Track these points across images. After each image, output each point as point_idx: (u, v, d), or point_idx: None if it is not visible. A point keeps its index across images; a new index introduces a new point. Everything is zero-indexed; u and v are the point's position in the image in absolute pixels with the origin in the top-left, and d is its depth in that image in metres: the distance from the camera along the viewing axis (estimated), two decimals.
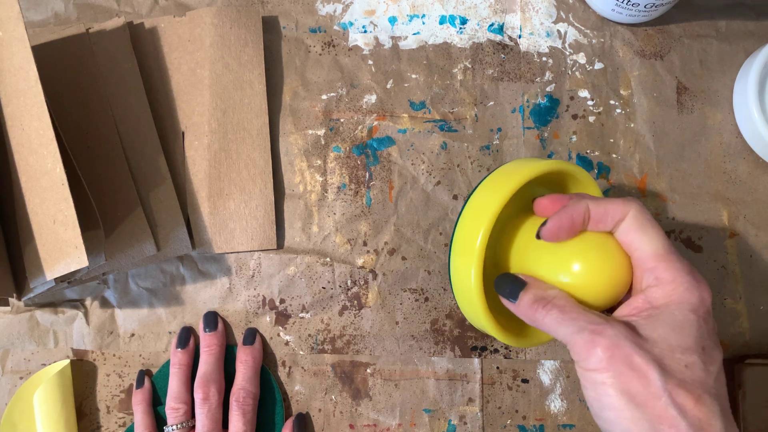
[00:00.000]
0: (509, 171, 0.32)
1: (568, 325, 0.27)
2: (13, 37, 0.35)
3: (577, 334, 0.26)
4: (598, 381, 0.25)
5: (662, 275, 0.27)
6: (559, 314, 0.27)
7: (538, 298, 0.29)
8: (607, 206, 0.29)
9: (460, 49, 0.44)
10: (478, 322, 0.33)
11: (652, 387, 0.24)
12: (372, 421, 0.41)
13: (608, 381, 0.25)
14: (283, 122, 0.43)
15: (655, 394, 0.24)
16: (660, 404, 0.24)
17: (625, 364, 0.25)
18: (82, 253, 0.33)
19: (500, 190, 0.31)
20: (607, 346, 0.25)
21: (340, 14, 0.44)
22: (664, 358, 0.25)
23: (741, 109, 0.42)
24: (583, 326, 0.26)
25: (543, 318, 0.28)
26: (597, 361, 0.25)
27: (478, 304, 0.31)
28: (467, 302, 0.32)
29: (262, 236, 0.41)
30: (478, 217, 0.31)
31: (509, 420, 0.41)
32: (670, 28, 0.44)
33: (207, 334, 0.40)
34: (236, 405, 0.38)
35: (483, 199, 0.32)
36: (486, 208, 0.31)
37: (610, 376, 0.25)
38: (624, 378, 0.25)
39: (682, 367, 0.25)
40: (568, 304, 0.28)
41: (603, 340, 0.25)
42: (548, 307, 0.28)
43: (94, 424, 0.41)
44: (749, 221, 0.42)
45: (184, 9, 0.44)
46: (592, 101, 0.43)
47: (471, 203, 0.32)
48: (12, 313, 0.42)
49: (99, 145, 0.40)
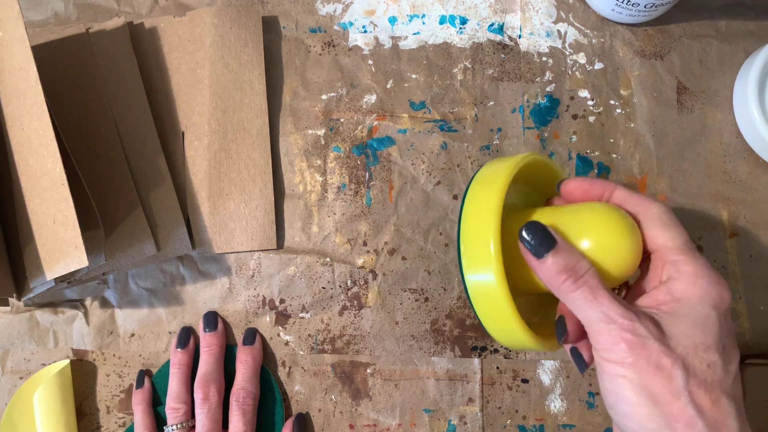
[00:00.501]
0: (495, 170, 0.31)
1: (596, 311, 0.26)
2: (13, 37, 0.35)
3: (604, 324, 0.25)
4: (617, 374, 0.25)
5: (684, 268, 0.27)
6: (590, 295, 0.26)
7: (568, 267, 0.27)
8: (631, 195, 0.29)
9: (460, 49, 0.44)
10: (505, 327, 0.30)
11: (674, 386, 0.24)
12: (372, 421, 0.41)
13: (628, 376, 0.25)
14: (283, 122, 0.43)
15: (675, 393, 0.24)
16: (679, 403, 0.24)
17: (649, 362, 0.24)
18: (82, 253, 0.33)
19: (494, 186, 0.30)
20: (634, 344, 0.25)
21: (340, 14, 0.44)
22: (687, 357, 0.25)
23: (741, 109, 0.42)
24: (613, 318, 0.25)
25: (569, 293, 0.26)
26: (620, 356, 0.25)
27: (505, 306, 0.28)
28: (493, 310, 0.30)
29: (262, 236, 0.41)
30: (484, 220, 0.29)
31: (509, 420, 0.41)
32: (670, 28, 0.44)
33: (207, 334, 0.40)
34: (236, 405, 0.38)
35: (480, 200, 0.30)
36: (488, 209, 0.29)
37: (631, 371, 0.25)
38: (646, 375, 0.24)
39: (705, 367, 0.25)
40: (599, 286, 0.26)
41: (631, 337, 0.25)
42: (579, 283, 0.26)
43: (94, 424, 0.41)
44: (749, 221, 0.42)
45: (184, 9, 0.44)
46: (592, 101, 0.43)
47: (469, 209, 0.31)
48: (12, 313, 0.42)
49: (99, 145, 0.40)
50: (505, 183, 0.30)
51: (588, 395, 0.41)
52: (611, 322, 0.25)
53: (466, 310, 0.41)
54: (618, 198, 0.30)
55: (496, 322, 0.30)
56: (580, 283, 0.26)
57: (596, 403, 0.41)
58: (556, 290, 0.27)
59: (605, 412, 0.40)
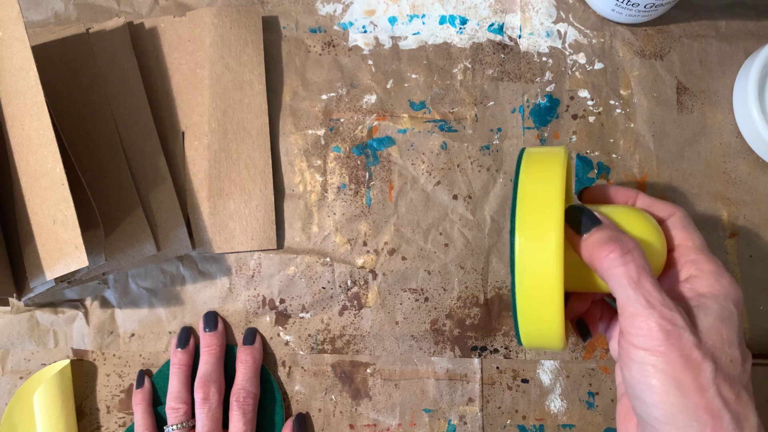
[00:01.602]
0: (545, 155, 0.30)
1: (638, 293, 0.25)
2: (13, 37, 0.35)
3: (643, 308, 0.25)
4: (646, 362, 0.25)
5: (705, 266, 0.28)
6: (635, 275, 0.25)
7: (615, 238, 0.26)
8: (654, 201, 0.31)
9: (460, 49, 0.44)
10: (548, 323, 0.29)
11: (702, 378, 0.25)
12: (372, 421, 0.41)
13: (659, 365, 0.25)
14: (283, 122, 0.43)
15: (703, 385, 0.24)
16: (708, 395, 0.24)
17: (681, 354, 0.25)
18: (82, 253, 0.33)
19: (554, 172, 0.29)
20: (671, 334, 0.25)
21: (340, 14, 0.44)
22: (715, 351, 0.25)
23: (741, 109, 0.42)
24: (654, 304, 0.25)
25: (614, 267, 0.26)
26: (653, 344, 0.25)
27: (556, 302, 0.27)
28: (541, 302, 0.28)
29: (262, 236, 0.41)
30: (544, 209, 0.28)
31: (509, 420, 0.41)
32: (670, 28, 0.44)
33: (207, 334, 0.40)
34: (236, 405, 0.38)
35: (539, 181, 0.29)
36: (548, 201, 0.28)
37: (662, 361, 0.25)
38: (677, 366, 0.25)
39: (728, 362, 0.25)
40: (646, 268, 0.26)
41: (669, 326, 0.25)
42: (627, 258, 0.26)
43: (94, 424, 0.41)
44: (749, 221, 0.42)
45: (184, 9, 0.44)
46: (592, 101, 0.43)
47: (527, 190, 0.29)
48: (12, 313, 0.42)
49: (99, 145, 0.40)
50: (562, 181, 0.29)
51: (588, 395, 0.41)
52: (651, 308, 0.25)
53: (466, 310, 0.41)
54: (642, 203, 0.31)
55: (534, 314, 0.29)
56: (627, 258, 0.26)
57: (596, 403, 0.41)
58: (601, 263, 0.26)
59: (605, 412, 0.41)
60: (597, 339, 0.41)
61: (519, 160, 0.31)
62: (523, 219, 0.28)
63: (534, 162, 0.30)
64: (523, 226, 0.28)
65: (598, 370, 0.41)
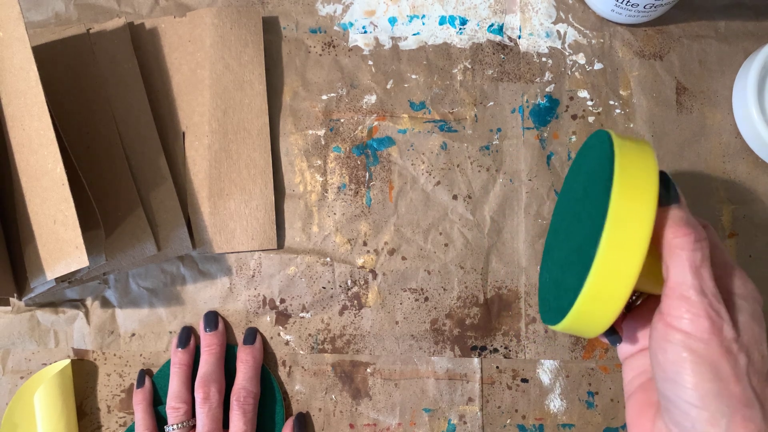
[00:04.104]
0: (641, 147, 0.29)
1: (696, 278, 0.26)
2: (13, 37, 0.35)
3: (696, 294, 0.26)
4: (686, 345, 0.26)
5: (732, 271, 0.29)
6: (699, 261, 0.26)
7: (692, 223, 0.27)
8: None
9: (460, 50, 0.44)
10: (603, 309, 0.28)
11: (738, 369, 0.26)
12: (372, 420, 0.41)
13: (700, 351, 0.26)
14: (284, 122, 0.43)
15: (738, 375, 0.26)
16: (741, 385, 0.26)
17: (721, 344, 0.26)
18: (82, 253, 0.33)
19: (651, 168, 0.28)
20: (716, 324, 0.26)
21: (340, 15, 0.44)
22: (750, 347, 0.27)
23: (740, 110, 0.42)
24: (706, 292, 0.26)
25: (685, 249, 0.27)
26: (696, 329, 0.26)
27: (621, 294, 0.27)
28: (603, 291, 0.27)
29: (262, 236, 0.41)
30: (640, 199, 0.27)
31: (509, 420, 0.41)
32: (669, 28, 0.44)
33: (207, 333, 0.40)
34: (237, 404, 0.38)
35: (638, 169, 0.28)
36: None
37: (703, 348, 0.26)
38: (716, 355, 0.26)
39: (759, 357, 0.27)
40: (708, 258, 0.27)
41: (715, 316, 0.26)
42: (698, 245, 0.27)
43: (95, 424, 0.41)
44: (749, 221, 0.42)
45: (184, 9, 0.44)
46: (591, 101, 0.43)
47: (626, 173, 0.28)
48: (13, 312, 0.42)
49: (99, 146, 0.41)
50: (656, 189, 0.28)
51: (587, 395, 0.41)
52: (703, 295, 0.26)
53: (465, 309, 0.41)
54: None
55: (599, 297, 0.28)
56: (698, 245, 0.27)
57: (596, 403, 0.41)
58: (673, 240, 0.27)
59: (605, 411, 0.41)
60: (596, 339, 0.41)
61: (603, 142, 0.30)
62: (619, 205, 0.27)
63: (629, 151, 0.29)
64: (619, 212, 0.27)
65: (598, 370, 0.41)
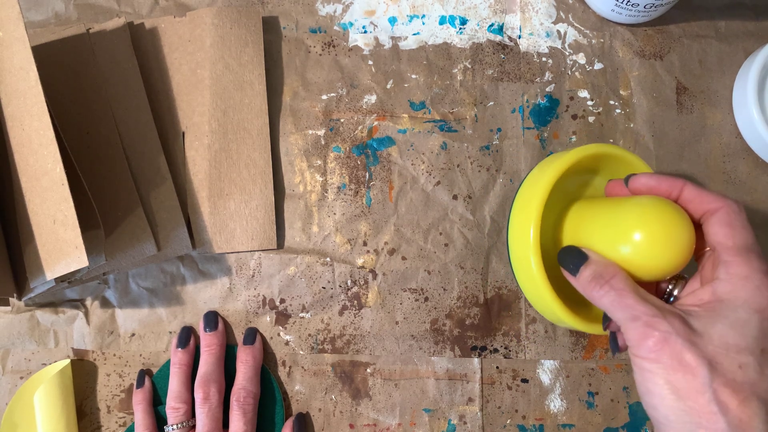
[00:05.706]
0: (552, 160, 0.35)
1: (623, 311, 0.27)
2: (13, 37, 0.35)
3: (631, 322, 0.27)
4: (646, 368, 0.26)
5: (735, 270, 0.27)
6: (616, 298, 0.28)
7: (597, 275, 0.29)
8: (703, 193, 0.29)
9: (460, 50, 0.44)
10: (548, 308, 0.34)
11: (697, 382, 0.25)
12: (372, 420, 0.41)
13: (656, 371, 0.26)
14: (284, 122, 0.43)
15: (699, 389, 0.25)
16: (703, 399, 0.25)
17: (674, 358, 0.25)
18: (82, 253, 0.33)
19: (545, 176, 0.33)
20: (659, 340, 0.26)
21: (340, 14, 0.44)
22: (716, 356, 0.25)
23: (740, 110, 0.42)
24: (638, 316, 0.27)
25: (600, 298, 0.29)
26: (647, 351, 0.26)
27: (544, 291, 0.32)
28: (534, 291, 0.34)
29: (262, 236, 0.41)
30: (528, 208, 0.33)
31: (509, 420, 0.41)
32: (669, 28, 0.44)
33: (207, 333, 0.40)
34: (237, 405, 0.38)
35: (532, 184, 0.34)
36: (535, 194, 0.33)
37: (658, 367, 0.26)
38: (671, 371, 0.25)
39: (735, 367, 0.25)
40: (625, 288, 0.28)
41: (656, 333, 0.26)
42: (606, 287, 0.28)
43: (95, 424, 0.41)
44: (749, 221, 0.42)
45: (184, 9, 0.44)
46: (591, 101, 0.43)
47: (523, 191, 0.35)
48: (12, 312, 0.42)
49: (99, 146, 0.40)
50: (551, 181, 0.33)
51: (587, 395, 0.41)
52: (636, 319, 0.27)
53: (465, 309, 0.41)
54: (688, 194, 0.29)
55: (536, 299, 0.35)
56: (606, 287, 0.28)
57: (596, 403, 0.41)
58: (591, 299, 0.29)
59: (605, 411, 0.41)
60: (596, 339, 0.41)
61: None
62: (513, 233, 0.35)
63: (538, 170, 0.36)
64: (514, 239, 0.35)
65: (598, 370, 0.41)
